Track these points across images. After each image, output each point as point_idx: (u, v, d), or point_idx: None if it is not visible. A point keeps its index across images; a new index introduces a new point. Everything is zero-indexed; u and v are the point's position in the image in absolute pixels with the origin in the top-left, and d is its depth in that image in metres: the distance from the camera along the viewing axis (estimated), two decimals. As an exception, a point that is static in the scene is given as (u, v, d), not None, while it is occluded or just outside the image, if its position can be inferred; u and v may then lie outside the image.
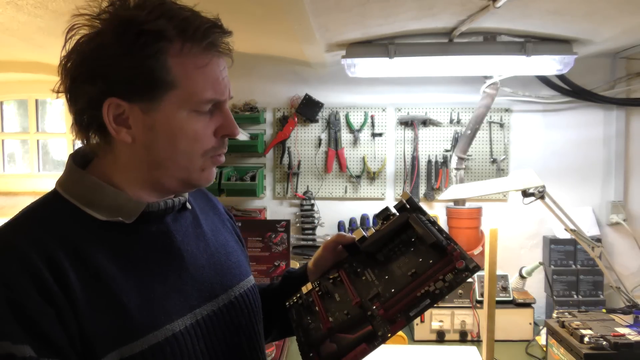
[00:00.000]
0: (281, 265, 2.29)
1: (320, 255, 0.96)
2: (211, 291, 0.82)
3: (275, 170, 2.50)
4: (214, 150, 0.77)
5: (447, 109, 2.42)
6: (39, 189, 2.74)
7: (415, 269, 0.77)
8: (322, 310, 0.83)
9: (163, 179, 0.77)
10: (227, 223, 0.98)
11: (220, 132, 0.77)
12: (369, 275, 0.84)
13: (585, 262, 2.25)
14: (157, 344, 0.70)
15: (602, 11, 1.63)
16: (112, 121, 0.72)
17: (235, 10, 1.59)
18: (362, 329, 0.74)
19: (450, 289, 0.72)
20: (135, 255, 0.74)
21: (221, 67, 0.76)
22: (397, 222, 0.88)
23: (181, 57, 0.71)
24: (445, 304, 2.13)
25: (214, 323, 0.80)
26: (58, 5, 1.52)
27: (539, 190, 1.77)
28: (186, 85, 0.72)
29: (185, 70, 0.71)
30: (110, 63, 0.69)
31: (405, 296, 0.74)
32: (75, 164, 0.77)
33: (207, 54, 0.73)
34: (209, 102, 0.75)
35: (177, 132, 0.73)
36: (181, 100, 0.72)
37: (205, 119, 0.75)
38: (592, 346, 1.48)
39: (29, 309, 0.63)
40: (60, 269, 0.66)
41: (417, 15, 1.71)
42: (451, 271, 0.73)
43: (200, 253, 0.84)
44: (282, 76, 2.48)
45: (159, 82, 0.70)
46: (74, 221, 0.72)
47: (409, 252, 0.82)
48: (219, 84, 0.75)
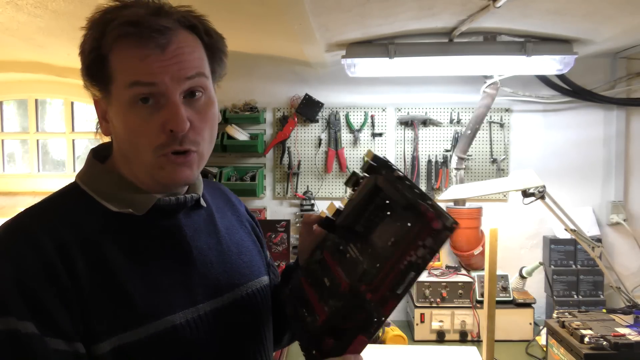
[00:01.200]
0: (281, 265, 2.29)
1: (300, 242, 0.93)
2: (217, 288, 0.82)
3: (275, 170, 2.50)
4: (164, 147, 0.73)
5: (447, 109, 2.42)
6: (39, 189, 2.74)
7: (394, 237, 0.72)
8: (315, 301, 0.79)
9: (139, 176, 0.77)
10: (246, 223, 0.98)
11: (165, 126, 0.72)
12: (352, 251, 0.79)
13: (585, 262, 2.25)
14: (155, 333, 0.72)
15: (602, 11, 1.63)
16: (100, 116, 0.77)
17: (235, 10, 1.59)
18: (356, 317, 0.71)
19: (433, 254, 0.68)
20: (143, 246, 0.76)
21: (163, 56, 0.70)
22: (366, 187, 0.83)
23: (119, 47, 0.71)
24: (446, 304, 2.14)
25: (217, 319, 0.80)
26: (58, 5, 1.52)
27: (539, 190, 1.76)
28: (118, 75, 0.71)
29: (117, 60, 0.71)
30: (82, 57, 0.74)
31: (390, 271, 0.69)
32: (95, 158, 0.81)
33: (144, 41, 0.70)
34: (136, 90, 0.71)
35: (122, 125, 0.73)
36: (119, 92, 0.72)
37: (143, 111, 0.71)
38: (592, 346, 1.48)
39: (36, 289, 0.66)
40: (70, 255, 0.69)
41: (417, 15, 1.71)
42: (429, 234, 0.68)
43: (210, 250, 0.84)
44: (282, 76, 2.47)
45: (104, 75, 0.72)
46: (89, 211, 0.75)
47: (386, 217, 0.77)
48: (149, 72, 0.70)
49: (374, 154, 0.85)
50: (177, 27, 0.72)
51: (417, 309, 2.14)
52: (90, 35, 0.72)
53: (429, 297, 2.14)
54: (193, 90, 0.74)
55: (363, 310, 0.71)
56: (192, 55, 0.73)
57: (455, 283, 2.16)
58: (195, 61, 0.74)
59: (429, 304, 2.14)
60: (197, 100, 0.75)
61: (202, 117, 0.75)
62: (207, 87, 0.76)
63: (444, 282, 2.16)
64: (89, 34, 0.73)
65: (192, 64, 0.73)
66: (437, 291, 2.14)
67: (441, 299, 2.14)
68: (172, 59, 0.71)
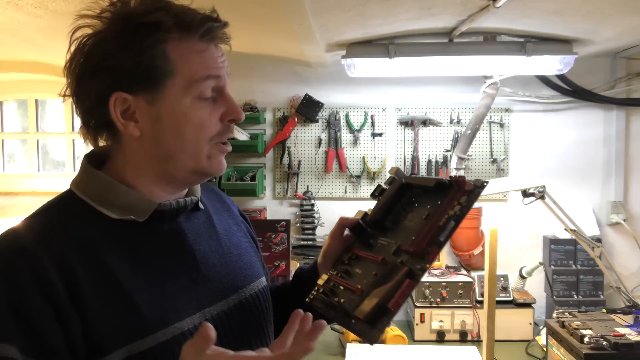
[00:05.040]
0: (281, 265, 2.29)
1: (329, 245, 0.93)
2: (222, 291, 0.82)
3: (275, 170, 2.50)
4: (220, 136, 0.78)
5: (447, 109, 2.42)
6: (39, 189, 2.73)
7: (427, 212, 0.79)
8: (348, 285, 0.81)
9: (174, 171, 0.77)
10: (241, 225, 0.98)
11: (225, 117, 0.78)
12: (383, 241, 0.85)
13: (585, 262, 2.25)
14: (165, 341, 0.71)
15: (602, 11, 1.63)
16: (120, 116, 0.73)
17: (235, 10, 1.59)
18: (397, 274, 0.73)
19: (469, 206, 0.75)
20: (147, 253, 0.76)
21: (218, 54, 0.77)
22: (394, 187, 0.90)
23: (179, 45, 0.73)
24: (446, 304, 2.14)
25: (224, 323, 0.80)
26: (58, 5, 1.52)
27: (539, 190, 1.77)
28: (185, 71, 0.73)
29: (183, 57, 0.73)
30: (112, 57, 0.71)
31: (429, 230, 0.75)
32: (90, 164, 0.79)
33: (203, 41, 0.75)
34: (208, 84, 0.75)
35: (182, 120, 0.74)
36: (182, 88, 0.73)
37: (209, 104, 0.76)
38: (592, 346, 1.48)
39: (27, 308, 0.64)
40: (70, 268, 0.67)
41: (417, 15, 1.71)
42: (463, 194, 0.76)
43: (213, 253, 0.84)
44: (282, 76, 2.47)
45: (160, 71, 0.72)
46: (87, 219, 0.74)
47: (414, 208, 0.84)
48: (216, 66, 0.76)
49: (397, 168, 0.95)
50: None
51: (417, 309, 2.14)
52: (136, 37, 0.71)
53: (429, 297, 2.14)
54: None
55: (403, 267, 0.74)
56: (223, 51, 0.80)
57: (455, 283, 2.16)
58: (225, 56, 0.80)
59: (429, 304, 2.14)
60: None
61: None
62: None
63: (444, 282, 2.16)
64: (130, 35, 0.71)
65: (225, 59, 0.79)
66: (437, 291, 2.14)
67: (441, 299, 2.14)
68: (222, 55, 0.78)
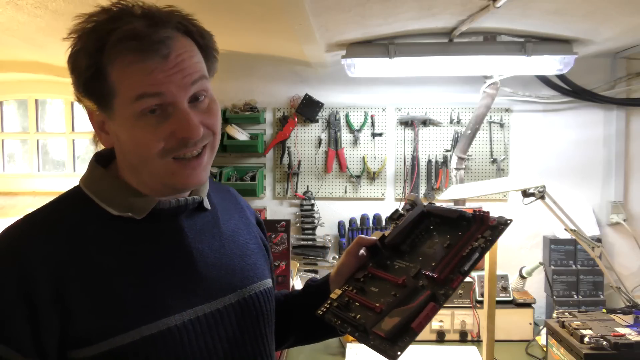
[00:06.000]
0: (281, 265, 2.28)
1: (344, 262, 0.94)
2: (217, 290, 0.82)
3: (275, 170, 2.50)
4: (171, 151, 0.73)
5: (447, 109, 2.42)
6: (39, 189, 2.73)
7: (449, 242, 0.79)
8: (365, 302, 0.81)
9: (149, 182, 0.78)
10: (252, 228, 0.98)
11: (176, 135, 0.73)
12: (400, 264, 0.84)
13: (585, 262, 2.25)
14: (149, 336, 0.72)
15: (602, 11, 1.63)
16: (97, 127, 0.78)
17: (235, 10, 1.59)
18: (420, 297, 0.73)
19: (494, 241, 0.75)
20: (141, 249, 0.77)
21: (167, 66, 0.70)
22: (414, 214, 0.90)
23: (119, 63, 0.70)
24: (446, 304, 2.13)
25: (217, 321, 0.80)
26: (58, 5, 1.52)
27: (539, 190, 1.76)
28: (122, 90, 0.71)
29: (121, 76, 0.70)
30: (78, 75, 0.73)
31: (452, 258, 0.75)
32: (97, 163, 0.82)
33: (143, 54, 0.70)
34: (146, 102, 0.70)
35: (129, 138, 0.74)
36: (123, 107, 0.72)
37: (151, 122, 0.72)
38: (592, 346, 1.48)
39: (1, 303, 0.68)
40: (60, 263, 0.71)
41: (417, 15, 1.71)
42: (487, 229, 0.76)
43: (212, 252, 0.84)
44: (282, 76, 2.47)
45: (105, 92, 0.72)
46: (89, 215, 0.77)
47: (432, 236, 0.84)
48: (153, 83, 0.70)
49: (416, 195, 0.95)
50: (175, 34, 0.73)
51: (417, 309, 2.14)
52: (83, 50, 0.71)
53: (429, 297, 2.14)
54: (197, 95, 0.75)
55: (426, 290, 0.75)
56: (192, 60, 0.74)
57: (455, 283, 2.15)
58: (195, 65, 0.74)
59: (429, 304, 2.14)
60: (201, 102, 0.76)
61: (209, 114, 0.77)
62: (208, 89, 0.77)
63: (444, 282, 2.15)
64: (81, 48, 0.71)
65: (193, 68, 0.74)
66: (437, 291, 2.14)
67: (441, 299, 2.13)
68: (174, 67, 0.71)
